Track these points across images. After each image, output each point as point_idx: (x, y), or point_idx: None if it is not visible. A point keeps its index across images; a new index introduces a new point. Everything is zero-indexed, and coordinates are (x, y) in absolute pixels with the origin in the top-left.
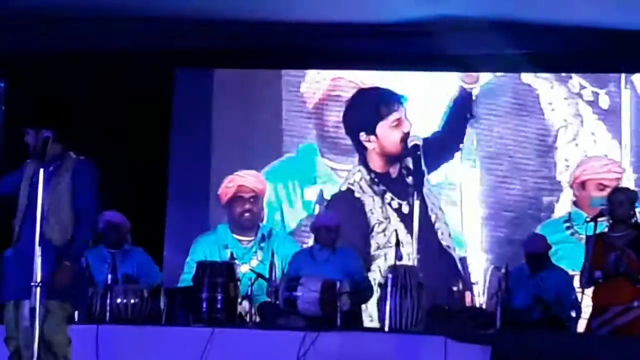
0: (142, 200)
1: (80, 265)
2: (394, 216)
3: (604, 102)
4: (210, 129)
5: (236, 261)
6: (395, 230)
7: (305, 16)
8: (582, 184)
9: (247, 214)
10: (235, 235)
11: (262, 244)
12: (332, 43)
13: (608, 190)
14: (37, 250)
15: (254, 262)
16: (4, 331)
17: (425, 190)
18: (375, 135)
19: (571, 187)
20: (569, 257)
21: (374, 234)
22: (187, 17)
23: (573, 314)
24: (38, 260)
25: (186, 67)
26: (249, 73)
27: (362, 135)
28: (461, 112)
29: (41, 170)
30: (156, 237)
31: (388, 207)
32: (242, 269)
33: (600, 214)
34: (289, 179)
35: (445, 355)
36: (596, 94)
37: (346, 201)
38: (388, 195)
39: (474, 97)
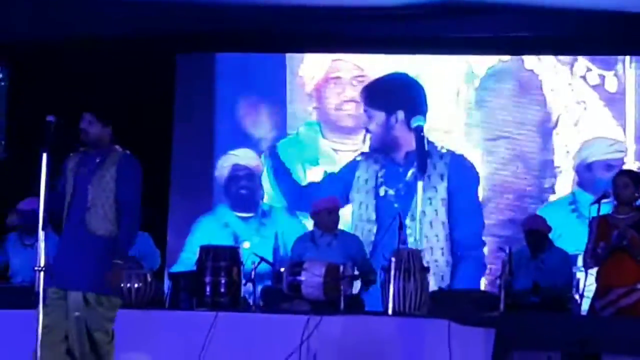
0: (145, 185)
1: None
2: None
3: (611, 85)
4: (212, 113)
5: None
6: (399, 214)
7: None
8: (589, 166)
9: (243, 191)
10: (235, 212)
11: (263, 220)
12: (333, 26)
13: (614, 170)
14: (41, 234)
15: (256, 239)
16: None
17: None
18: None
19: (576, 169)
20: (574, 239)
21: None
22: (185, 2)
23: (576, 296)
24: (42, 245)
25: (186, 52)
26: (251, 57)
27: None
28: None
29: (44, 155)
30: (159, 222)
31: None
32: (245, 245)
33: (604, 196)
34: (291, 158)
35: (449, 339)
36: (602, 77)
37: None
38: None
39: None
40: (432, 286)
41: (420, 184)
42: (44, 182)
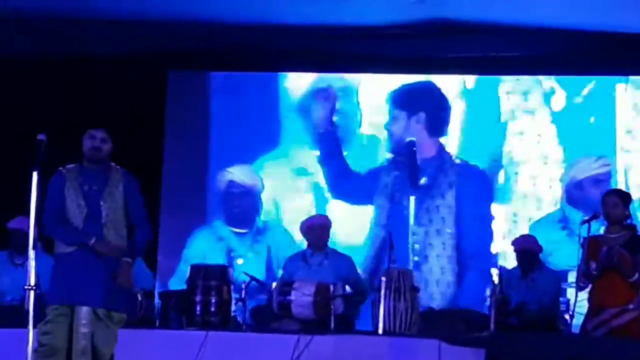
0: None
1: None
2: None
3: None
4: (204, 131)
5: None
6: (390, 233)
7: (298, 19)
8: (579, 184)
9: (236, 209)
10: (230, 227)
11: (257, 237)
12: (323, 45)
13: (603, 184)
14: (31, 253)
15: (250, 254)
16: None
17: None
18: None
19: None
20: (564, 256)
21: None
22: (177, 20)
23: (566, 316)
24: (32, 264)
25: (178, 69)
26: (242, 75)
27: None
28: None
29: (34, 174)
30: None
31: None
32: (239, 262)
33: (594, 216)
34: (284, 174)
35: (439, 358)
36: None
37: None
38: None
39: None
40: (436, 294)
41: (412, 199)
42: (34, 201)
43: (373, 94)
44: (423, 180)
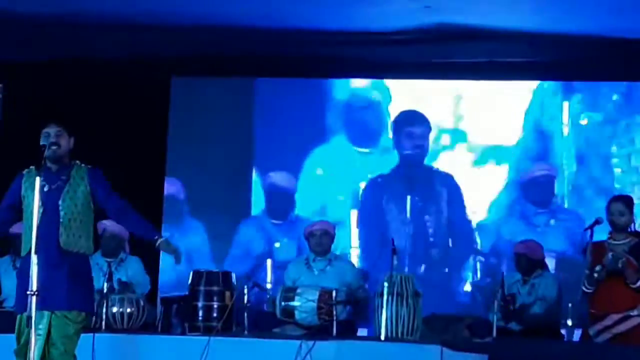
0: (138, 209)
1: (87, 272)
2: None
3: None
4: (207, 137)
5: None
6: (392, 239)
7: (301, 24)
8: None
9: (276, 210)
10: (270, 219)
11: (291, 227)
12: (327, 51)
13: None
14: (34, 258)
15: (284, 240)
16: (16, 342)
17: None
18: None
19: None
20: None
21: None
22: (181, 25)
23: (569, 322)
24: (34, 269)
25: (181, 75)
26: (246, 81)
27: None
28: None
29: (37, 179)
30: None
31: None
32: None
33: (597, 222)
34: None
35: None
36: None
37: None
38: None
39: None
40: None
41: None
42: (37, 206)
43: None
44: None
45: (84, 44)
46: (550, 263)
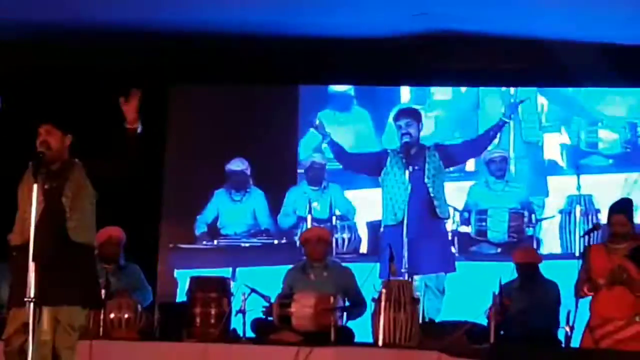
0: (136, 217)
1: (94, 266)
2: None
3: None
4: (204, 145)
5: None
6: (389, 245)
7: (300, 31)
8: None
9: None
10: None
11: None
12: (325, 58)
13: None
14: (31, 266)
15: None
16: (3, 343)
17: None
18: None
19: None
20: None
21: None
22: (178, 33)
23: (567, 328)
24: (32, 275)
25: (178, 84)
26: (244, 89)
27: None
28: None
29: (35, 186)
30: (149, 253)
31: None
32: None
33: (595, 228)
34: None
35: None
36: None
37: None
38: None
39: None
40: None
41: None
42: (34, 213)
43: None
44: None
45: (81, 52)
46: (504, 215)
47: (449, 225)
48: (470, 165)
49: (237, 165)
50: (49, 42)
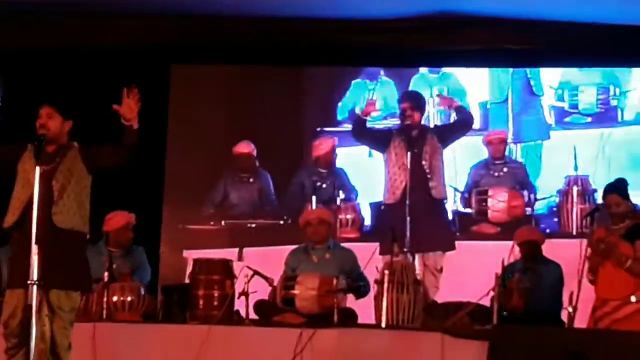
0: (138, 198)
1: (83, 251)
2: None
3: None
4: (206, 125)
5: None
6: (392, 227)
7: (302, 11)
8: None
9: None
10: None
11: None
12: (329, 38)
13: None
14: (34, 248)
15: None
16: (2, 325)
17: None
18: None
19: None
20: None
21: None
22: (180, 12)
23: (570, 309)
24: (35, 258)
25: (180, 63)
26: (247, 69)
27: None
28: None
29: (37, 169)
30: (152, 235)
31: None
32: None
33: (596, 209)
34: None
35: (442, 351)
36: None
37: None
38: None
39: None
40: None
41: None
42: (36, 196)
43: None
44: None
45: (82, 32)
46: (504, 196)
47: (450, 206)
48: None
49: (244, 147)
50: (48, 22)
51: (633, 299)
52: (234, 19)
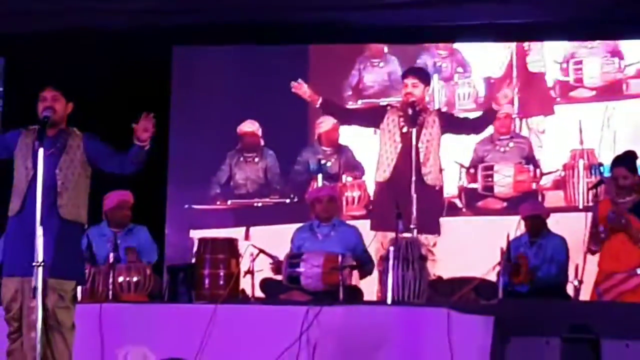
0: (143, 178)
1: (81, 242)
2: None
3: None
4: (209, 105)
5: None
6: (397, 202)
7: None
8: None
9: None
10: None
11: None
12: (331, 17)
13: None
14: (39, 230)
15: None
16: (4, 309)
17: None
18: None
19: None
20: None
21: None
22: None
23: (575, 282)
24: (40, 240)
25: (182, 44)
26: (248, 48)
27: None
28: None
29: (41, 150)
30: (157, 214)
31: None
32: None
33: (601, 181)
34: None
35: (448, 327)
36: None
37: None
38: None
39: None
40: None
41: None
42: (41, 177)
43: None
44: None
45: (84, 14)
46: (510, 171)
47: (455, 182)
48: None
49: (249, 126)
50: (51, 4)
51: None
52: None
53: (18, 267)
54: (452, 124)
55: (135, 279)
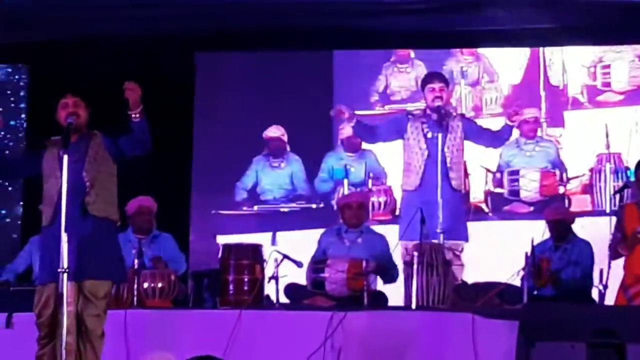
0: (166, 186)
1: (116, 240)
2: None
3: None
4: (232, 112)
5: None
6: (420, 208)
7: None
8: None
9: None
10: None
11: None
12: (351, 22)
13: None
14: (64, 236)
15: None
16: (35, 315)
17: None
18: None
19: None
20: None
21: None
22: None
23: (600, 287)
24: (65, 247)
25: (205, 51)
26: (271, 54)
27: None
28: None
29: (65, 157)
30: (182, 222)
31: None
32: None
33: (625, 186)
34: None
35: (472, 332)
36: None
37: None
38: None
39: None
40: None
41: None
42: (65, 183)
43: None
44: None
45: (108, 22)
46: (536, 176)
47: (481, 186)
48: None
49: (274, 132)
50: (74, 12)
51: None
52: (258, 5)
53: (53, 274)
54: (471, 131)
55: (160, 285)
